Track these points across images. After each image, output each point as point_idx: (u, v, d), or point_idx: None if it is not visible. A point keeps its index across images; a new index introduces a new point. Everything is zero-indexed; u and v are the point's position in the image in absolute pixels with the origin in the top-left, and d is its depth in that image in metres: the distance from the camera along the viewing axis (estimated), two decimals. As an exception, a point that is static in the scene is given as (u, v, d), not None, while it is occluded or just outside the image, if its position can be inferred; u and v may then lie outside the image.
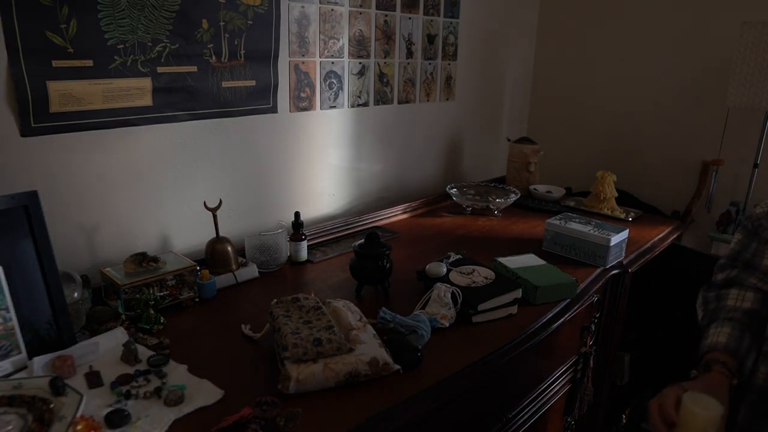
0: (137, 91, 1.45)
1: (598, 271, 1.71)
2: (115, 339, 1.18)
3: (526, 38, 2.91)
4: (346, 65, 2.00)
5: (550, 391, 1.59)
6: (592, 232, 1.75)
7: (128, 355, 1.13)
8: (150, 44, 1.44)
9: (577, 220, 1.86)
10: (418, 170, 2.45)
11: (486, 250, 1.82)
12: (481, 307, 1.35)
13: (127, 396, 1.01)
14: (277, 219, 1.85)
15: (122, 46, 1.39)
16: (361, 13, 1.99)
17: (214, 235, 1.56)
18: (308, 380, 1.04)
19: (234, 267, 1.56)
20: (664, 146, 2.59)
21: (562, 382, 1.66)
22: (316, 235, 1.89)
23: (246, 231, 1.75)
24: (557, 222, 1.83)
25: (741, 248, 1.20)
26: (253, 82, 1.70)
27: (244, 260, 1.61)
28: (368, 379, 1.10)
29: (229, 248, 1.55)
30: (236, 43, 1.62)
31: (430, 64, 2.35)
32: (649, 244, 1.99)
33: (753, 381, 1.10)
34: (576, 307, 1.53)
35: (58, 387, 0.96)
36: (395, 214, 2.19)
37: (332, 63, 1.94)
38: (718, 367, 1.06)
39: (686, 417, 0.98)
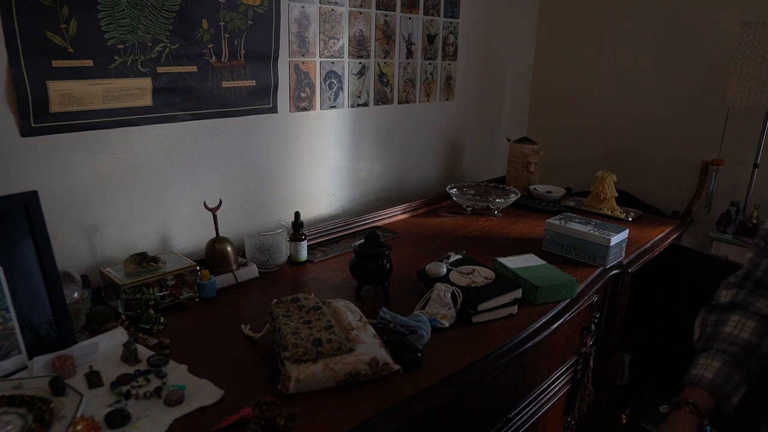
0: (137, 91, 1.45)
1: (598, 271, 1.71)
2: (115, 339, 1.18)
3: (526, 38, 2.91)
4: (346, 65, 2.00)
5: (550, 391, 1.59)
6: (592, 232, 1.75)
7: (128, 355, 1.13)
8: (150, 44, 1.44)
9: (577, 220, 1.86)
10: (418, 170, 2.45)
11: (486, 250, 1.82)
12: (481, 307, 1.35)
13: (127, 396, 1.01)
14: (277, 219, 1.85)
15: (122, 46, 1.39)
16: (361, 13, 1.99)
17: (214, 235, 1.56)
18: (308, 380, 1.04)
19: (234, 267, 1.56)
20: (664, 146, 2.59)
21: (562, 382, 1.66)
22: (316, 235, 1.89)
23: (246, 231, 1.75)
24: (557, 222, 1.83)
25: (752, 266, 1.12)
26: (253, 82, 1.70)
27: (244, 260, 1.61)
28: (368, 379, 1.10)
29: (229, 248, 1.55)
30: (236, 43, 1.62)
31: (430, 64, 2.35)
32: (649, 244, 1.99)
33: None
34: (576, 307, 1.53)
35: (58, 387, 0.96)
36: (395, 214, 2.19)
37: (332, 63, 1.94)
38: (688, 407, 1.02)
39: None
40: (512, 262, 1.60)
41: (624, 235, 1.78)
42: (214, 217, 1.56)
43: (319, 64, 1.90)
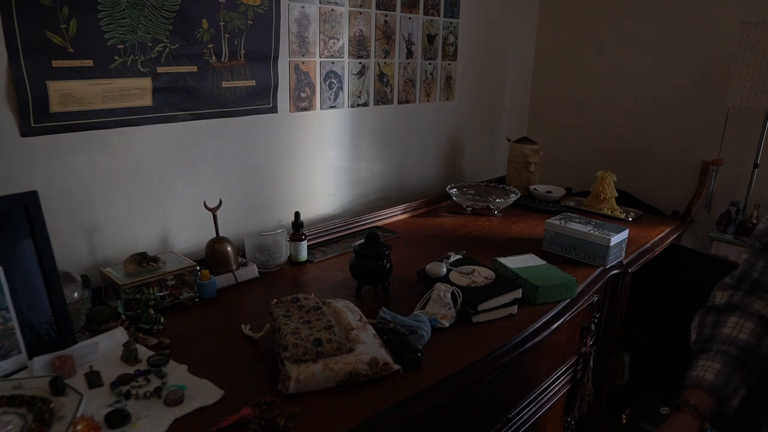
0: (137, 91, 1.45)
1: (598, 271, 1.71)
2: (115, 339, 1.18)
3: (526, 38, 2.91)
4: (346, 65, 2.00)
5: (550, 391, 1.59)
6: (592, 232, 1.75)
7: (128, 355, 1.13)
8: (150, 44, 1.44)
9: (577, 220, 1.86)
10: (418, 170, 2.45)
11: (486, 250, 1.82)
12: (481, 307, 1.35)
13: (127, 396, 1.01)
14: (277, 219, 1.85)
15: (122, 46, 1.39)
16: (361, 13, 1.99)
17: (214, 235, 1.56)
18: (308, 380, 1.04)
19: (234, 267, 1.56)
20: (664, 146, 2.59)
21: (562, 382, 1.66)
22: (316, 235, 1.89)
23: (246, 231, 1.75)
24: (557, 222, 1.83)
25: (747, 267, 1.12)
26: (253, 82, 1.70)
27: (244, 260, 1.61)
28: (368, 379, 1.10)
29: (229, 248, 1.55)
30: (236, 43, 1.62)
31: (430, 64, 2.35)
32: (649, 244, 1.99)
33: None
34: (576, 307, 1.53)
35: (58, 387, 0.96)
36: (395, 214, 2.19)
37: (332, 63, 1.94)
38: (689, 410, 1.01)
39: None
40: (512, 262, 1.60)
41: (624, 235, 1.78)
42: (214, 217, 1.56)
43: (319, 64, 1.90)
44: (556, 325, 1.42)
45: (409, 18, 2.19)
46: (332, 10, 1.89)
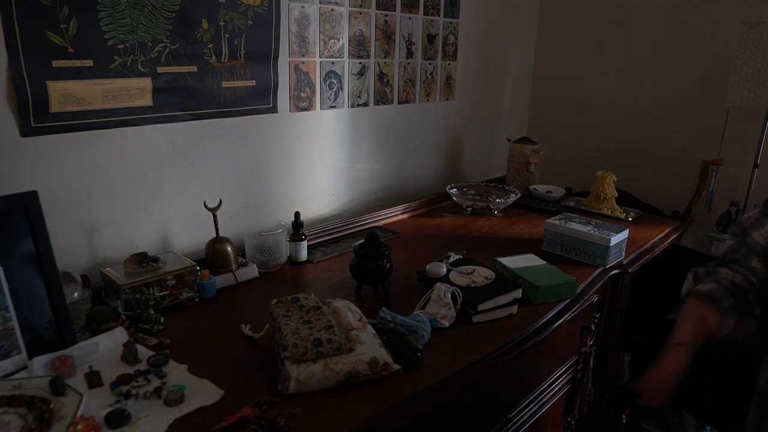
0: (137, 91, 1.45)
1: (598, 271, 1.71)
2: (115, 339, 1.18)
3: (526, 38, 2.91)
4: (346, 65, 2.00)
5: (550, 391, 1.59)
6: (592, 232, 1.75)
7: (128, 355, 1.13)
8: (150, 44, 1.44)
9: (577, 220, 1.86)
10: (418, 170, 2.45)
11: (486, 250, 1.82)
12: (481, 307, 1.35)
13: (127, 396, 1.01)
14: (277, 219, 1.85)
15: (122, 46, 1.39)
16: (361, 13, 1.99)
17: (214, 235, 1.56)
18: (308, 380, 1.04)
19: (234, 267, 1.56)
20: (664, 146, 2.59)
21: (562, 382, 1.66)
22: (316, 235, 1.89)
23: (246, 231, 1.75)
24: (557, 222, 1.83)
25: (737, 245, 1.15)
26: (253, 82, 1.70)
27: (244, 260, 1.61)
28: (368, 379, 1.10)
29: (229, 248, 1.55)
30: (236, 43, 1.62)
31: (430, 64, 2.35)
32: (649, 244, 1.99)
33: (758, 383, 1.09)
34: (576, 307, 1.53)
35: (58, 387, 0.96)
36: (395, 214, 2.19)
37: (332, 63, 1.94)
38: (692, 297, 1.08)
39: None
40: (512, 262, 1.60)
41: (624, 235, 1.78)
42: (214, 217, 1.56)
43: (319, 64, 1.90)
44: (556, 325, 1.42)
45: (409, 18, 2.19)
46: (332, 10, 1.89)
